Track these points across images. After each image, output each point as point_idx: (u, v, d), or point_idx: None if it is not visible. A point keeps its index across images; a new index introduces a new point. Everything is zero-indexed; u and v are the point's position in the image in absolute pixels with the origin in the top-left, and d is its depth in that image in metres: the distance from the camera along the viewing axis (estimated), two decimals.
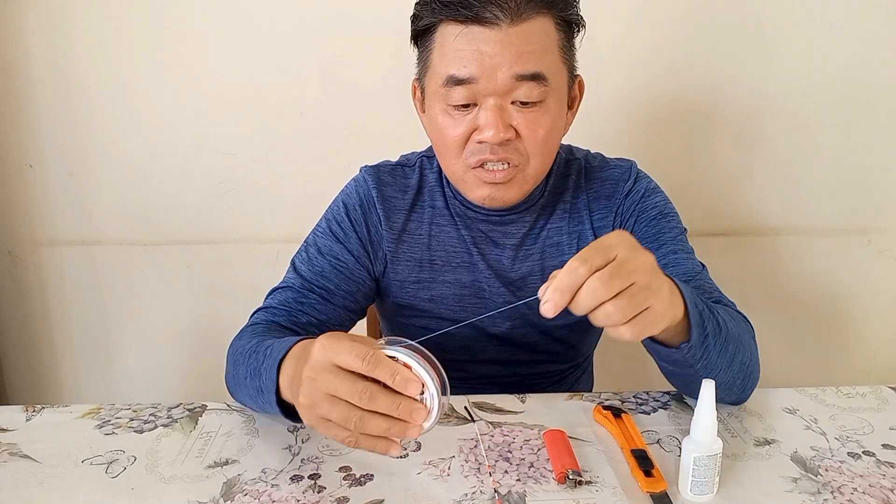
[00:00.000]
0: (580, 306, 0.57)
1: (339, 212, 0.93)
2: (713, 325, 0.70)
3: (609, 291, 0.56)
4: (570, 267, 0.57)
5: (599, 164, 0.95)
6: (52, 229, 1.47)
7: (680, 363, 0.71)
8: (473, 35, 0.76)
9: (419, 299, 0.93)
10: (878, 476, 0.68)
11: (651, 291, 0.58)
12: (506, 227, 0.91)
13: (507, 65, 0.76)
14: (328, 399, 0.57)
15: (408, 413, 0.56)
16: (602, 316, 0.57)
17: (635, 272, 0.57)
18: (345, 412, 0.56)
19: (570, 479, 0.66)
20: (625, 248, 0.58)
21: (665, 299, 0.60)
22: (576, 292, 0.57)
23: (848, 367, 1.61)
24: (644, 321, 0.58)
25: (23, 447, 0.74)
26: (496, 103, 0.77)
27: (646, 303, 0.58)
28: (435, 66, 0.81)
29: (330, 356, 0.57)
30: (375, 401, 0.55)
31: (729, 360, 0.74)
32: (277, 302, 0.87)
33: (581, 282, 0.56)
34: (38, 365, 1.57)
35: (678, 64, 1.39)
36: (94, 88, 1.38)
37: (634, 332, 0.58)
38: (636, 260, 0.58)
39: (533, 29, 0.76)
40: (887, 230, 1.51)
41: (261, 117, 1.40)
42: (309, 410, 0.59)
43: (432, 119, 0.83)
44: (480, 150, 0.80)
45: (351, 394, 0.55)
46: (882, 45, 1.39)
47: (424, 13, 0.80)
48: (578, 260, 0.57)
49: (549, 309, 0.57)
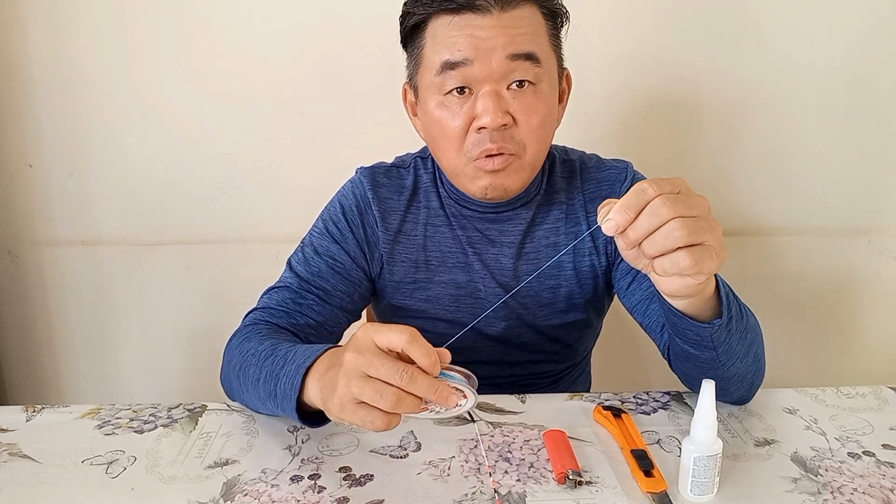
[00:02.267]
0: (639, 227, 0.56)
1: (335, 213, 0.93)
2: (737, 310, 0.71)
3: (673, 212, 0.55)
4: (639, 188, 0.56)
5: (596, 164, 0.96)
6: (52, 229, 1.47)
7: (704, 344, 0.71)
8: (466, 21, 0.78)
9: (415, 300, 0.93)
10: (878, 476, 0.68)
11: (710, 228, 0.57)
12: (502, 226, 0.92)
13: (502, 46, 0.77)
14: (364, 378, 0.57)
15: (444, 397, 0.56)
16: (665, 232, 0.56)
17: (696, 206, 0.57)
18: (380, 390, 0.56)
19: (570, 480, 0.66)
20: (687, 186, 0.58)
21: (719, 239, 0.59)
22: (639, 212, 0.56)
23: (848, 367, 1.61)
24: (701, 253, 0.57)
25: (23, 447, 0.74)
26: (492, 89, 0.79)
27: (704, 235, 0.57)
28: (428, 59, 0.81)
29: (371, 334, 0.58)
30: (416, 381, 0.55)
31: (746, 349, 0.74)
32: (275, 302, 0.87)
33: (648, 200, 0.56)
34: (38, 365, 1.57)
35: (677, 63, 1.39)
36: (95, 88, 1.38)
37: (693, 259, 0.56)
38: (696, 197, 0.58)
39: (522, 14, 0.79)
40: (887, 230, 1.51)
41: (261, 117, 1.40)
42: (344, 392, 0.58)
43: (428, 115, 0.84)
44: (481, 141, 0.80)
45: (391, 373, 0.56)
46: (882, 44, 1.39)
47: (415, 9, 0.81)
48: (647, 182, 0.57)
49: (611, 227, 0.57)
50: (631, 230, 0.57)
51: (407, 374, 0.55)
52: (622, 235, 0.58)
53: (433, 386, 0.56)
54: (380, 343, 0.57)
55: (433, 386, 0.56)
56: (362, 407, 0.57)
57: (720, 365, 0.73)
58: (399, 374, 0.55)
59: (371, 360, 0.56)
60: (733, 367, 0.74)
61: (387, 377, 0.56)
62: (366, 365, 0.56)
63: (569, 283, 0.93)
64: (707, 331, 0.69)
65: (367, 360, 0.56)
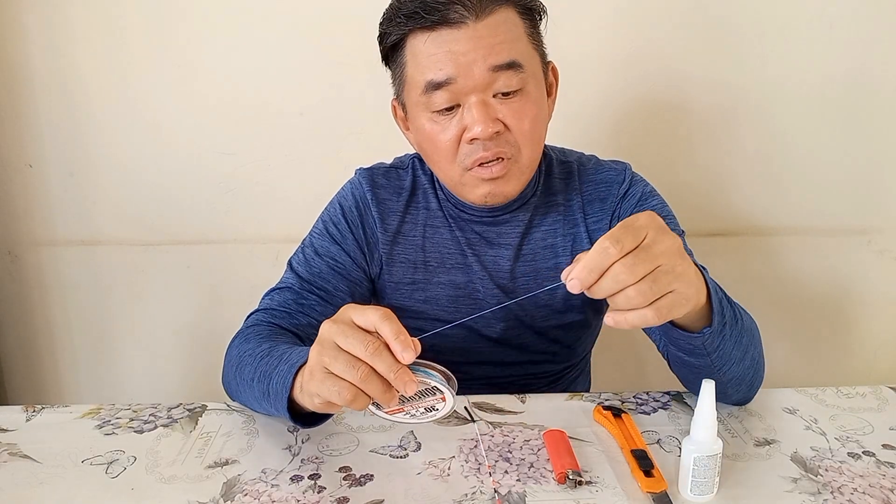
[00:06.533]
0: (602, 289, 0.57)
1: (335, 213, 0.93)
2: (731, 315, 0.71)
3: (633, 277, 0.56)
4: (601, 246, 0.56)
5: (594, 166, 0.96)
6: (52, 229, 1.47)
7: (697, 351, 0.71)
8: (443, 37, 0.77)
9: (413, 301, 0.94)
10: (878, 476, 0.68)
11: (675, 275, 0.58)
12: (500, 228, 0.92)
13: (482, 59, 0.77)
14: (335, 349, 0.58)
15: (403, 381, 0.56)
16: (623, 299, 0.57)
17: (661, 255, 0.57)
18: (351, 362, 0.57)
19: (570, 480, 0.66)
20: (654, 231, 0.58)
21: (690, 283, 0.59)
22: (603, 273, 0.56)
23: (848, 367, 1.61)
24: (668, 304, 0.58)
25: (23, 447, 0.74)
26: (479, 99, 0.78)
27: (669, 287, 0.57)
28: (411, 78, 0.81)
29: (350, 311, 0.59)
30: (380, 356, 0.56)
31: (742, 352, 0.74)
32: (277, 304, 0.87)
33: (611, 262, 0.56)
34: (38, 365, 1.56)
35: (676, 64, 1.39)
36: (95, 88, 1.38)
37: (659, 315, 0.57)
38: (664, 243, 0.58)
39: (498, 21, 0.78)
40: (887, 230, 1.51)
41: (261, 117, 1.40)
42: (315, 361, 0.59)
43: (419, 130, 0.84)
44: (474, 151, 0.80)
45: (359, 343, 0.56)
46: (882, 44, 1.39)
47: (391, 29, 0.81)
48: (610, 239, 0.56)
49: (575, 286, 0.57)
50: (595, 291, 0.57)
51: (373, 346, 0.56)
52: (589, 292, 0.58)
53: (395, 365, 0.56)
54: (356, 319, 0.58)
55: (395, 365, 0.56)
56: (330, 377, 0.58)
57: (716, 370, 0.73)
58: (365, 345, 0.56)
59: (344, 330, 0.58)
60: (730, 372, 0.74)
61: (354, 348, 0.57)
62: (337, 334, 0.58)
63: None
64: (698, 340, 0.69)
65: (339, 330, 0.58)
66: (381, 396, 0.57)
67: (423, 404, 0.61)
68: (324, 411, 0.64)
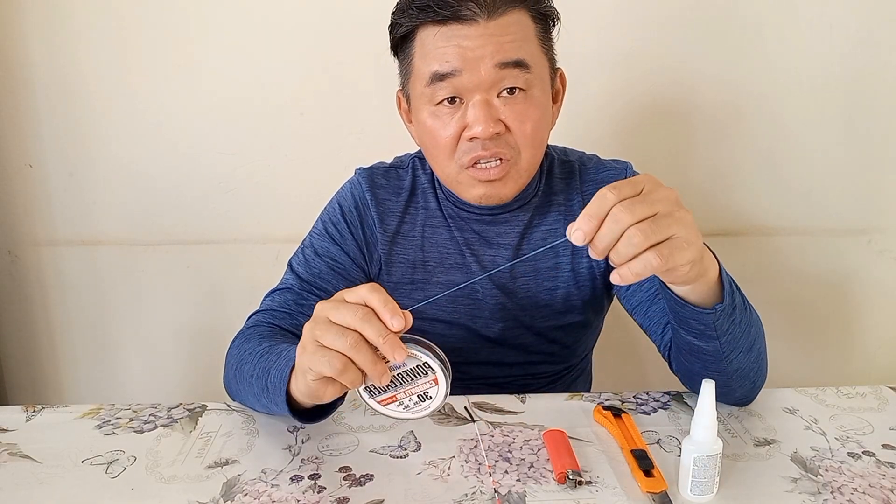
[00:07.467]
0: (603, 236, 0.57)
1: (334, 214, 0.93)
2: (740, 300, 0.71)
3: (633, 216, 0.56)
4: (600, 194, 0.57)
5: (595, 165, 0.96)
6: (52, 229, 1.47)
7: (707, 333, 0.71)
8: (453, 32, 0.77)
9: (412, 300, 0.93)
10: (878, 476, 0.68)
11: (675, 219, 0.58)
12: (499, 227, 0.92)
13: (490, 55, 0.77)
14: (327, 322, 0.58)
15: (391, 347, 0.56)
16: (625, 243, 0.56)
17: (659, 202, 0.57)
18: (341, 332, 0.57)
19: (570, 480, 0.66)
20: (651, 183, 0.59)
21: (690, 227, 0.59)
22: (602, 220, 0.57)
23: (848, 367, 1.61)
24: (670, 247, 0.57)
25: (23, 447, 0.74)
26: (482, 98, 0.78)
27: (669, 229, 0.57)
28: (417, 69, 0.81)
29: (342, 291, 0.60)
30: (369, 321, 0.57)
31: (750, 343, 0.74)
32: (277, 304, 0.87)
33: (609, 208, 0.56)
34: (38, 365, 1.57)
35: (677, 64, 1.39)
36: (95, 88, 1.38)
37: (661, 257, 0.57)
38: (661, 192, 0.58)
39: (510, 21, 0.78)
40: (887, 230, 1.51)
41: (261, 117, 1.40)
42: (308, 336, 0.59)
43: (421, 124, 0.84)
44: (472, 149, 0.80)
45: (347, 313, 0.57)
46: (882, 45, 1.39)
47: (402, 20, 0.81)
48: (608, 188, 0.57)
49: (578, 237, 0.57)
50: (597, 240, 0.57)
51: (362, 312, 0.57)
52: (592, 245, 0.58)
53: (384, 332, 0.56)
54: (348, 296, 0.59)
55: (384, 332, 0.56)
56: (321, 349, 0.58)
57: (723, 357, 0.73)
58: (354, 313, 0.57)
59: (335, 305, 0.58)
60: (736, 361, 0.74)
61: (344, 318, 0.57)
62: (329, 309, 0.58)
63: (566, 285, 0.93)
64: (710, 317, 0.69)
65: (332, 306, 0.58)
66: (372, 368, 0.57)
67: (415, 389, 0.60)
68: (317, 398, 0.63)
